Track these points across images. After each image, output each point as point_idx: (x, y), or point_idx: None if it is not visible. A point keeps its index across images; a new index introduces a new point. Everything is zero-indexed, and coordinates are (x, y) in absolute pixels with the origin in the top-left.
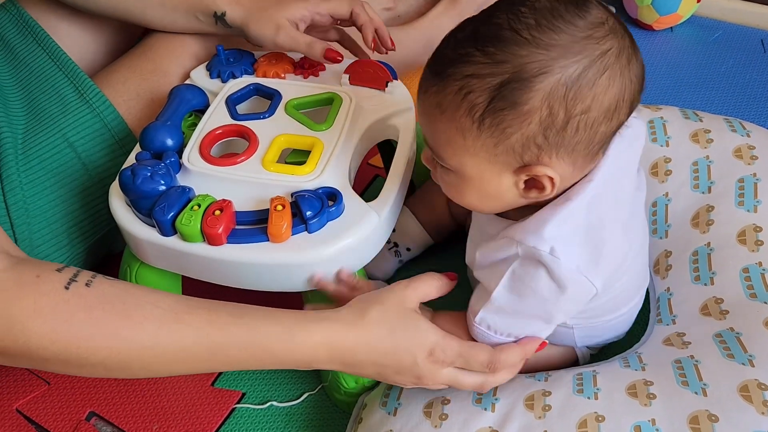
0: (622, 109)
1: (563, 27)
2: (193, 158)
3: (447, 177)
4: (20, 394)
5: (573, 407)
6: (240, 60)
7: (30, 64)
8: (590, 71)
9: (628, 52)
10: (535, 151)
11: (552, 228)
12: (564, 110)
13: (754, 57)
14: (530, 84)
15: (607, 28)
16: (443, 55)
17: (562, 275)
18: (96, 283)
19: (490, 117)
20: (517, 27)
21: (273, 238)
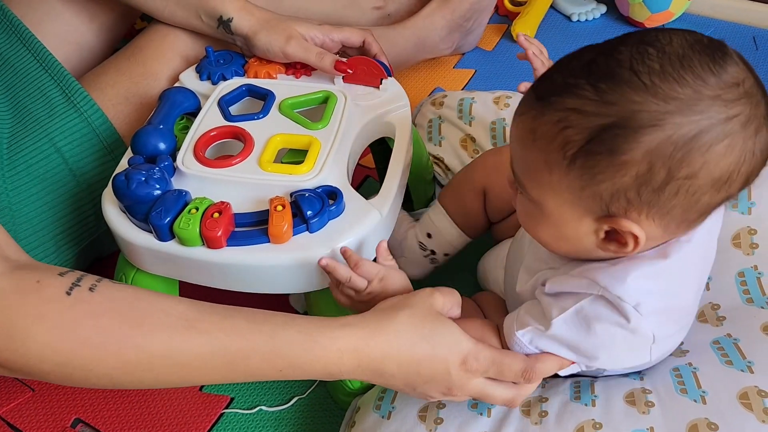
0: (735, 182)
1: (690, 81)
2: (187, 161)
3: (526, 206)
4: (4, 401)
5: (570, 414)
6: (230, 61)
7: (15, 65)
8: (708, 135)
9: (759, 122)
10: (623, 204)
11: (643, 281)
12: (666, 171)
13: (746, 54)
14: (635, 135)
15: (741, 91)
16: (551, 79)
17: (640, 331)
18: (101, 288)
19: (583, 158)
20: (638, 69)
21: (274, 239)
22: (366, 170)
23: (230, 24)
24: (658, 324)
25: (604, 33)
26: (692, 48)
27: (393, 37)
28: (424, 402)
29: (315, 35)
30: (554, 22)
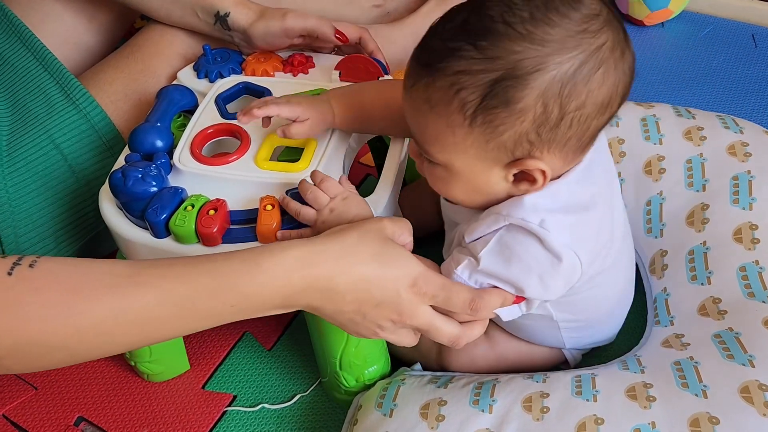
0: (615, 102)
1: (558, 20)
2: (184, 158)
3: (434, 171)
4: (7, 399)
5: (572, 409)
6: (228, 59)
7: (14, 64)
8: (586, 67)
9: (622, 44)
10: (527, 147)
11: (541, 202)
12: (558, 107)
13: (745, 52)
14: (525, 82)
15: (602, 20)
16: (431, 47)
17: (554, 247)
18: (40, 263)
19: (483, 115)
20: (511, 20)
21: (262, 238)
22: (366, 168)
23: (227, 19)
24: (573, 238)
25: None
26: None
27: (392, 35)
28: (426, 399)
29: (312, 22)
30: None
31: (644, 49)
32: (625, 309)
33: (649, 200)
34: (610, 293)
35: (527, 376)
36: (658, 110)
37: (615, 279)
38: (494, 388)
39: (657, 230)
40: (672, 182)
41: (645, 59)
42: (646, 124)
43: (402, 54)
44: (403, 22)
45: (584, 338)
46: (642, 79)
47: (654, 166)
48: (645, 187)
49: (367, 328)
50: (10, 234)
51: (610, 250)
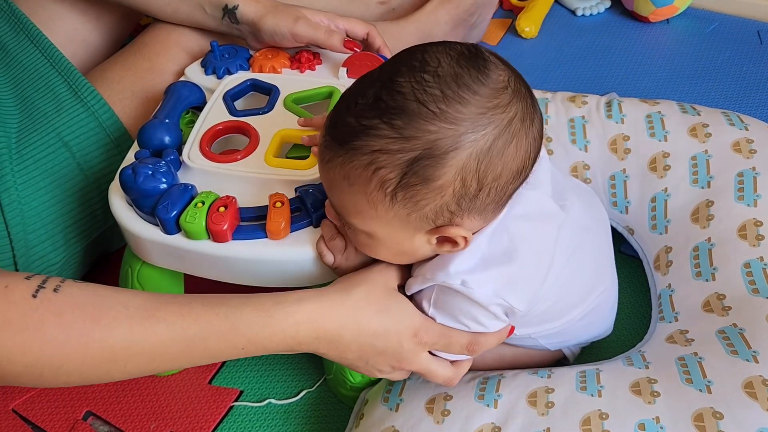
0: (528, 166)
1: (469, 98)
2: (193, 155)
3: (358, 236)
4: (16, 394)
5: (576, 404)
6: (235, 56)
7: (23, 61)
8: (500, 141)
9: (530, 112)
10: (447, 216)
11: (458, 264)
12: (477, 181)
13: (751, 48)
14: (442, 161)
15: (510, 92)
16: (345, 123)
17: (480, 300)
18: (64, 288)
19: (403, 191)
20: (423, 99)
21: (272, 235)
22: None
23: (236, 11)
24: (502, 288)
25: (609, 27)
26: (459, 64)
27: (397, 32)
28: (432, 394)
29: (321, 20)
30: (559, 16)
31: (649, 45)
32: (606, 304)
33: (654, 197)
34: (568, 300)
35: (532, 372)
36: (663, 107)
37: (571, 284)
38: (499, 384)
39: (662, 227)
40: (677, 179)
41: (650, 56)
42: (651, 120)
43: None
44: (407, 20)
45: (570, 340)
46: (647, 75)
47: (659, 163)
48: (650, 184)
49: (367, 370)
50: (20, 231)
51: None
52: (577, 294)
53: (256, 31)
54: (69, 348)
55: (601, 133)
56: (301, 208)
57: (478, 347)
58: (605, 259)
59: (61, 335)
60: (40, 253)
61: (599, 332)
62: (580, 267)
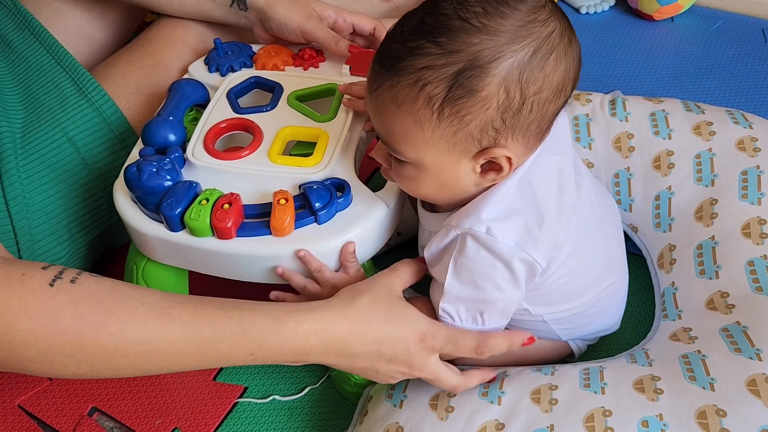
0: (568, 87)
1: (509, 12)
2: (197, 153)
3: (403, 170)
4: (22, 389)
5: (580, 401)
6: (238, 53)
7: (28, 58)
8: (539, 53)
9: (569, 32)
10: (492, 135)
11: (486, 209)
12: (519, 92)
13: (755, 47)
14: (486, 70)
15: (548, 11)
16: (391, 49)
17: (503, 252)
18: (81, 280)
19: (449, 106)
20: (466, 15)
21: (276, 232)
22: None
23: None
24: (524, 240)
25: (613, 25)
26: None
27: None
28: (436, 391)
29: (329, 14)
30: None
31: (654, 43)
32: (616, 296)
33: (658, 195)
34: (581, 280)
35: (535, 369)
36: (667, 105)
37: (583, 266)
38: (503, 381)
39: (665, 225)
40: (681, 177)
41: (654, 54)
42: (656, 119)
43: None
44: None
45: (579, 329)
46: (651, 73)
47: (663, 161)
48: (654, 182)
49: (379, 378)
50: (24, 225)
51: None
52: (590, 276)
53: (265, 19)
54: (83, 338)
55: (605, 131)
56: (305, 205)
57: (486, 349)
58: (617, 251)
59: (75, 325)
60: (45, 247)
61: (608, 325)
62: (593, 250)
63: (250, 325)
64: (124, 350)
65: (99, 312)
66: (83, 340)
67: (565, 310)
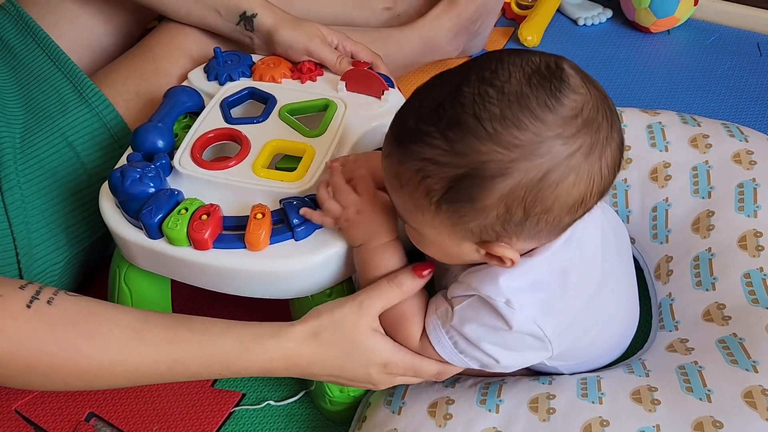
0: (590, 201)
1: (528, 124)
2: (184, 161)
3: (410, 231)
4: (19, 394)
5: (577, 411)
6: (238, 62)
7: (29, 64)
8: (554, 174)
9: (603, 143)
10: (493, 235)
11: (509, 280)
12: (522, 210)
13: (750, 60)
14: (487, 184)
15: (579, 123)
16: (406, 124)
17: (517, 325)
18: (57, 301)
19: (447, 204)
20: (481, 115)
21: (250, 247)
22: None
23: (254, 19)
24: (542, 317)
25: (610, 37)
26: (530, 83)
27: (400, 38)
28: (434, 398)
29: (332, 39)
30: (560, 25)
31: (650, 56)
32: (626, 342)
33: (655, 206)
34: (600, 341)
35: (533, 378)
36: (663, 117)
37: (605, 330)
38: (501, 389)
39: (662, 236)
40: (678, 189)
41: (651, 66)
42: (652, 131)
43: (410, 58)
44: (411, 27)
45: (584, 366)
46: (647, 85)
47: (660, 173)
48: (651, 194)
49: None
50: (23, 230)
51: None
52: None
53: (270, 41)
54: (57, 359)
55: None
56: (283, 220)
57: (447, 375)
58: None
59: (51, 347)
60: (43, 252)
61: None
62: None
63: (219, 350)
64: (98, 370)
65: (74, 335)
66: (58, 361)
67: (580, 360)
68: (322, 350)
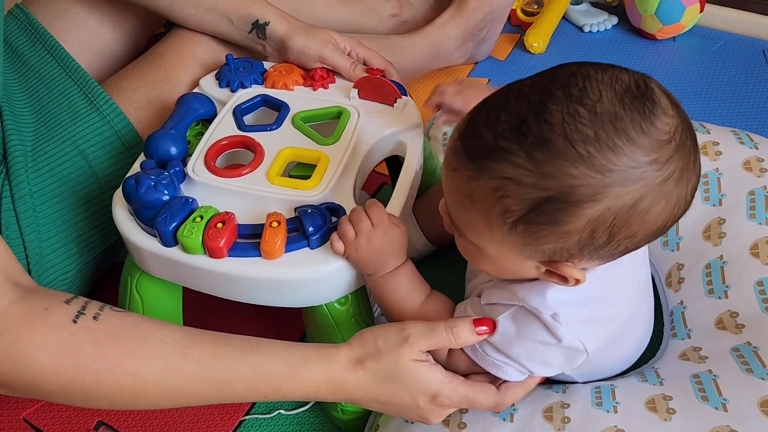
0: (669, 226)
1: (624, 147)
2: (197, 168)
3: (466, 245)
4: (27, 403)
5: (592, 420)
6: (250, 69)
7: (39, 71)
8: (646, 201)
9: (690, 168)
10: (565, 256)
11: (557, 293)
12: (607, 235)
13: (756, 67)
14: (576, 209)
15: (673, 147)
16: (482, 137)
17: (561, 338)
18: (104, 316)
19: (524, 225)
20: (573, 137)
21: (266, 255)
22: (382, 177)
23: (266, 28)
24: (585, 333)
25: (616, 44)
26: (622, 103)
27: (407, 45)
28: None
29: (345, 46)
30: (566, 32)
31: (656, 63)
32: (642, 350)
33: None
34: (620, 352)
35: (546, 386)
36: None
37: (627, 342)
38: None
39: (673, 243)
40: None
41: (656, 73)
42: None
43: (417, 65)
44: (419, 34)
45: (596, 375)
46: None
47: None
48: None
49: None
50: (34, 239)
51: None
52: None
53: (282, 49)
54: (102, 377)
55: None
56: (298, 229)
57: (504, 407)
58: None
59: (96, 364)
60: (54, 261)
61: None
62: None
63: (265, 371)
64: (143, 389)
65: (119, 351)
66: (102, 378)
67: (596, 369)
68: (366, 378)
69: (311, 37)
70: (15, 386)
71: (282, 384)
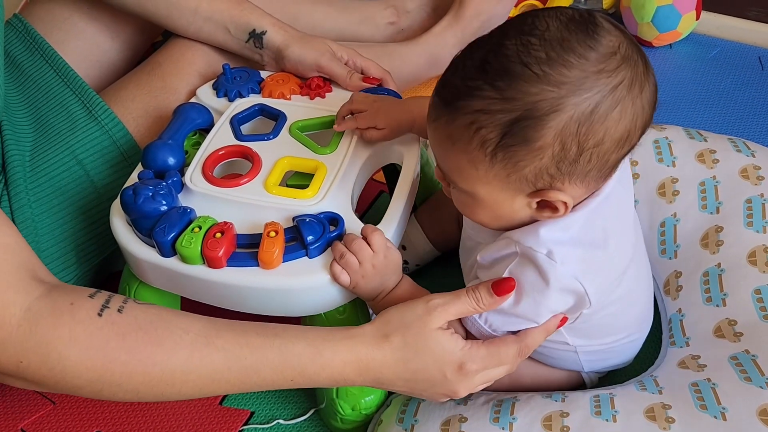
0: (635, 135)
1: (574, 62)
2: (195, 178)
3: (459, 196)
4: (25, 413)
5: (592, 429)
6: (247, 79)
7: (37, 80)
8: (602, 106)
9: (641, 79)
10: (548, 179)
11: (551, 232)
12: (576, 145)
13: (753, 74)
14: (542, 122)
15: (619, 58)
16: (452, 84)
17: (558, 279)
18: (128, 309)
19: (502, 152)
20: (527, 61)
21: (264, 265)
22: (380, 185)
23: (263, 37)
24: (583, 273)
25: None
26: (568, 28)
27: (405, 53)
28: (447, 416)
29: (342, 54)
30: None
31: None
32: (644, 333)
33: (663, 222)
34: (626, 319)
35: (546, 395)
36: (670, 132)
37: (631, 305)
38: (514, 406)
39: (671, 251)
40: (686, 204)
41: None
42: (659, 146)
43: (415, 73)
44: (416, 42)
45: (603, 361)
46: None
47: (668, 188)
48: (659, 209)
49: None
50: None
51: (622, 281)
52: (635, 315)
53: (279, 58)
54: (130, 368)
55: None
56: (296, 238)
57: (528, 350)
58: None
59: (123, 356)
60: (53, 270)
61: (627, 360)
62: (642, 288)
63: (291, 354)
64: (170, 379)
65: (146, 343)
66: (130, 370)
67: (602, 344)
68: (392, 354)
69: (308, 46)
70: (45, 382)
71: (308, 366)
